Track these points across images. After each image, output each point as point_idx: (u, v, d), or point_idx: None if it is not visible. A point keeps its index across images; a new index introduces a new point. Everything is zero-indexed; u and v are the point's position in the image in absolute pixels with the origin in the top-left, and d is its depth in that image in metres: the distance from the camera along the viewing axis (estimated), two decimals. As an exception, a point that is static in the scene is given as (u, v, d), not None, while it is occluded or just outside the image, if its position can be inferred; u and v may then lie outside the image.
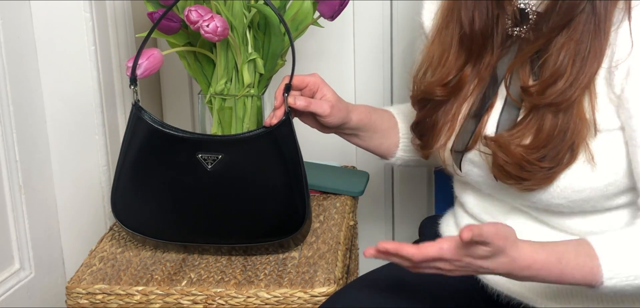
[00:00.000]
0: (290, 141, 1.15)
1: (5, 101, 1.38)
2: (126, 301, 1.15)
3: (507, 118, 1.06)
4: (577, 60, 1.00)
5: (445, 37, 1.12)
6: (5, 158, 1.39)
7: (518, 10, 1.05)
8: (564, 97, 1.00)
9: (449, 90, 1.11)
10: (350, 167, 1.60)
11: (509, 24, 1.07)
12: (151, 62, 1.18)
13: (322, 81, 1.17)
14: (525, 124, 1.03)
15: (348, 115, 1.18)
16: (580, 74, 1.00)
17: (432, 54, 1.14)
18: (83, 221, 1.54)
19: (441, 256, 0.90)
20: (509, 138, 1.03)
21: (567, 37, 1.01)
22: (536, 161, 1.01)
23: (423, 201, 1.72)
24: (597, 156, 1.01)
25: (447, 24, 1.12)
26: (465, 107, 1.11)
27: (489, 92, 1.09)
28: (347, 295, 1.11)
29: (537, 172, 1.01)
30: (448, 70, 1.11)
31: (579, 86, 1.00)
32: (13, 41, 1.38)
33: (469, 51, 1.10)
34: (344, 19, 1.51)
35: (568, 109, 1.00)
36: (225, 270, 1.19)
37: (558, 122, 1.01)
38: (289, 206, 1.18)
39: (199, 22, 1.14)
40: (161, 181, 1.19)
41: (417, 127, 1.17)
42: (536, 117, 1.02)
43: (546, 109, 1.01)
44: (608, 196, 1.04)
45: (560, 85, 1.00)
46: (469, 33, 1.08)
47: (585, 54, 1.00)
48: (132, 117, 1.18)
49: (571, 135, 1.00)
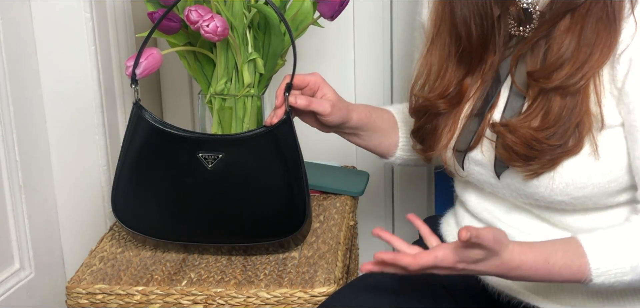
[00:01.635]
0: (290, 141, 1.15)
1: (5, 101, 1.38)
2: (126, 301, 1.15)
3: (512, 109, 1.06)
4: (583, 46, 1.00)
5: (441, 48, 1.12)
6: (5, 158, 1.39)
7: (522, 10, 1.05)
8: (570, 81, 1.00)
9: (451, 101, 1.11)
10: (350, 167, 1.60)
11: (512, 25, 1.06)
12: (150, 62, 1.18)
13: (322, 80, 1.17)
14: (533, 109, 1.03)
15: (348, 114, 1.18)
16: (587, 62, 1.00)
17: (429, 65, 1.14)
18: (83, 221, 1.54)
19: (436, 265, 0.94)
20: (517, 123, 1.04)
21: (571, 23, 1.01)
22: (545, 139, 1.01)
23: (423, 201, 1.72)
24: (601, 150, 1.01)
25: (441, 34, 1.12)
26: (466, 108, 1.11)
27: (492, 91, 1.09)
28: (347, 295, 1.11)
29: (545, 152, 1.02)
30: (448, 83, 1.12)
31: (585, 73, 1.00)
32: (13, 40, 1.38)
33: (469, 63, 1.10)
34: (344, 19, 1.50)
35: (575, 94, 1.01)
36: (225, 270, 1.19)
37: (566, 103, 1.01)
38: (290, 206, 1.18)
39: (199, 22, 1.14)
40: (162, 180, 1.19)
41: (417, 133, 1.17)
42: (543, 101, 1.02)
43: (553, 93, 1.01)
44: (609, 193, 1.04)
45: (566, 70, 1.00)
46: (468, 46, 1.09)
47: (591, 41, 1.00)
48: (133, 116, 1.18)
49: (577, 115, 1.01)
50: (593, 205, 1.05)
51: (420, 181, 1.70)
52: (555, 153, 1.02)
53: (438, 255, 0.93)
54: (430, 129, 1.14)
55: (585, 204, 1.05)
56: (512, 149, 1.04)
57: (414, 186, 1.71)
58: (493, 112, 1.08)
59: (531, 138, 1.02)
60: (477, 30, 1.07)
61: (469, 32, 1.08)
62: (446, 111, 1.12)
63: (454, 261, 0.94)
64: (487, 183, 1.11)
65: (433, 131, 1.14)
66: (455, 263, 0.94)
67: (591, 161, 1.01)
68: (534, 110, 1.03)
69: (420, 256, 0.93)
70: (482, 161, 1.09)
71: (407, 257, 0.93)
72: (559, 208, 1.06)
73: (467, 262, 0.94)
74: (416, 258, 0.93)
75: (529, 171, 1.04)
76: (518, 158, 1.04)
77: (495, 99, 1.08)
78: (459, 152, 1.11)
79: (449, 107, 1.11)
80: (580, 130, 1.01)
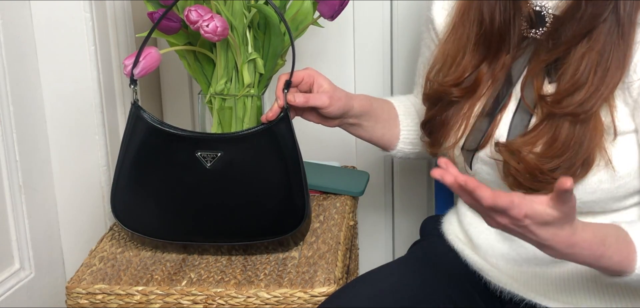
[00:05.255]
0: (288, 138, 1.16)
1: (5, 101, 1.38)
2: (126, 301, 1.15)
3: (520, 122, 1.06)
4: (599, 70, 0.98)
5: (461, 35, 1.12)
6: (5, 158, 1.39)
7: (534, 12, 1.05)
8: (583, 108, 0.98)
9: (464, 90, 1.10)
10: (350, 167, 1.60)
11: (525, 26, 1.06)
12: (148, 62, 1.18)
13: (316, 73, 1.18)
14: (538, 131, 1.02)
15: (349, 102, 1.18)
16: (602, 85, 0.98)
17: (446, 52, 1.14)
18: (83, 221, 1.54)
19: (510, 208, 0.86)
20: (520, 144, 1.02)
21: (588, 47, 0.99)
22: (548, 172, 1.00)
23: (423, 201, 1.72)
24: (615, 160, 1.01)
25: (464, 21, 1.12)
26: (477, 107, 1.10)
27: (503, 93, 1.08)
28: (347, 295, 1.11)
29: (550, 183, 1.00)
30: (464, 69, 1.10)
31: (599, 97, 0.98)
32: (13, 40, 1.38)
33: (487, 48, 1.09)
34: (344, 19, 1.51)
35: (586, 120, 0.99)
36: (225, 270, 1.19)
37: (575, 132, 0.99)
38: (289, 203, 1.18)
39: (198, 22, 1.14)
40: (161, 180, 1.19)
41: (426, 125, 1.17)
42: (550, 125, 1.01)
43: (563, 119, 1.00)
44: (617, 198, 1.04)
45: (580, 96, 0.99)
46: (489, 30, 1.08)
47: (607, 64, 0.98)
48: (131, 116, 1.18)
49: (587, 147, 0.99)
50: (600, 209, 1.05)
51: (421, 180, 1.70)
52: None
53: (514, 200, 0.85)
54: (439, 122, 1.13)
55: (593, 208, 1.05)
56: (516, 179, 1.03)
57: (414, 186, 1.71)
58: (503, 115, 1.08)
59: (535, 168, 1.00)
60: (501, 16, 1.06)
61: (493, 16, 1.07)
62: (459, 100, 1.11)
63: (525, 213, 0.86)
64: (494, 182, 1.11)
65: (442, 124, 1.13)
66: (524, 216, 0.86)
67: (603, 171, 1.01)
68: (539, 132, 1.02)
69: (498, 195, 0.85)
70: (490, 162, 1.09)
71: (487, 190, 0.85)
72: None
73: (536, 221, 0.87)
74: (494, 194, 0.85)
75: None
76: (522, 188, 1.03)
77: (507, 100, 1.08)
78: (467, 151, 1.11)
79: (462, 96, 1.11)
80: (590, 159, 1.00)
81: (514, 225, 0.88)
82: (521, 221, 0.87)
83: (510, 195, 0.86)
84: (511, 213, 0.86)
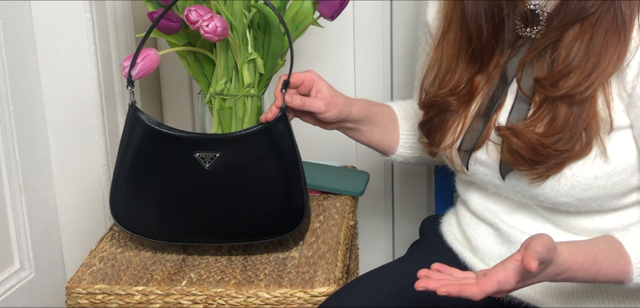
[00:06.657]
0: (286, 137, 1.16)
1: (5, 101, 1.38)
2: (126, 301, 1.15)
3: (518, 113, 1.06)
4: (591, 56, 0.99)
5: (453, 42, 1.12)
6: (5, 158, 1.39)
7: (529, 11, 1.05)
8: (577, 90, 0.99)
9: (462, 99, 1.11)
10: (350, 167, 1.60)
11: (519, 25, 1.06)
12: (147, 63, 1.18)
13: (317, 77, 1.18)
14: (538, 115, 1.03)
15: (347, 108, 1.18)
16: (594, 71, 0.99)
17: (439, 59, 1.13)
18: (83, 221, 1.54)
19: (499, 289, 0.89)
20: (523, 127, 1.03)
21: (580, 31, 1.00)
22: (551, 145, 1.01)
23: (423, 200, 1.72)
24: (610, 152, 1.01)
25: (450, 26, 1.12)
26: (474, 107, 1.10)
27: (498, 92, 1.08)
28: (347, 295, 1.11)
29: (551, 156, 1.01)
30: (458, 80, 1.11)
31: (593, 81, 0.99)
32: (13, 41, 1.38)
33: (480, 61, 1.09)
34: (344, 19, 1.50)
35: (582, 102, 1.00)
36: (225, 270, 1.19)
37: (572, 111, 1.00)
38: (288, 203, 1.18)
39: (198, 22, 1.14)
40: (159, 182, 1.19)
41: (424, 126, 1.17)
42: (549, 108, 1.02)
43: (560, 101, 1.01)
44: (615, 195, 1.04)
45: (574, 79, 1.00)
46: (479, 45, 1.08)
47: (600, 51, 0.99)
48: (129, 118, 1.18)
49: (584, 121, 1.00)
50: (597, 207, 1.05)
51: (420, 180, 1.70)
52: (561, 157, 1.01)
53: (500, 280, 0.89)
54: (438, 123, 1.14)
55: (590, 206, 1.05)
56: (517, 153, 1.03)
57: (414, 185, 1.71)
58: (499, 114, 1.08)
59: (537, 142, 1.01)
60: (488, 27, 1.07)
61: (480, 30, 1.07)
62: (457, 108, 1.11)
63: (516, 282, 0.90)
64: (491, 183, 1.11)
65: (441, 125, 1.13)
66: (516, 284, 0.90)
67: (598, 163, 1.01)
68: (539, 115, 1.02)
69: (483, 284, 0.89)
70: (487, 162, 1.09)
71: (473, 287, 0.88)
72: (563, 209, 1.06)
73: (526, 279, 0.91)
74: (480, 286, 0.88)
75: (535, 175, 1.03)
76: (524, 162, 1.03)
77: (502, 100, 1.08)
78: (464, 152, 1.11)
79: (459, 105, 1.11)
80: (588, 133, 1.00)
81: (513, 290, 0.92)
82: (516, 287, 0.91)
83: (493, 277, 0.89)
84: (506, 289, 0.90)
